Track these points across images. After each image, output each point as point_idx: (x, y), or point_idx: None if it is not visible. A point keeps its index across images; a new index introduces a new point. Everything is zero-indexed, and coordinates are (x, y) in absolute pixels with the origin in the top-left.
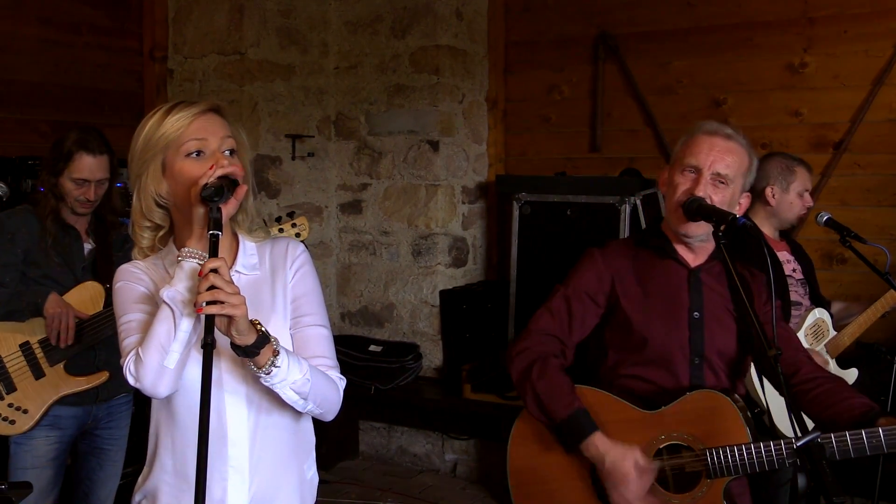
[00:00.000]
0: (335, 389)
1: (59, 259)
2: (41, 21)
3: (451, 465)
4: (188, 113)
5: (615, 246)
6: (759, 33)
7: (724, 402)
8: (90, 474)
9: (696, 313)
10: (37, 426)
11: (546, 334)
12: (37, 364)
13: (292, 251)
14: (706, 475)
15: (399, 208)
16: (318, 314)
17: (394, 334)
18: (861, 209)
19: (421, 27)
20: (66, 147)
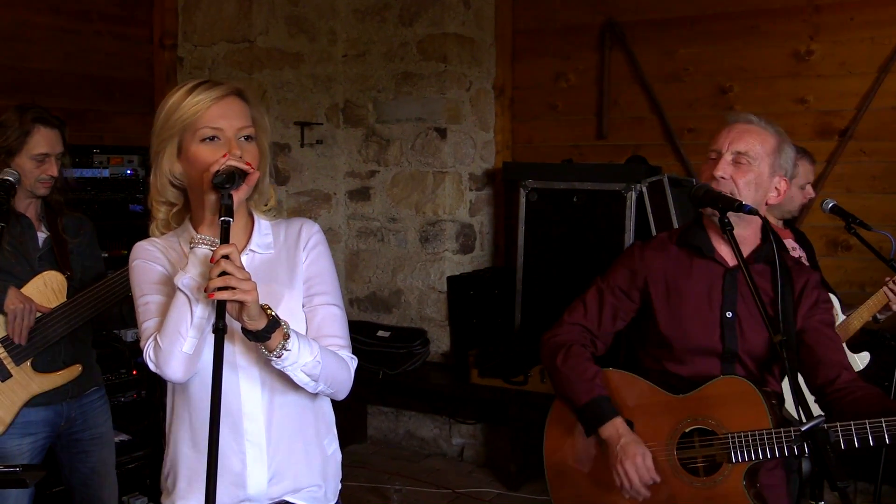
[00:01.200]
0: (346, 369)
1: (12, 250)
2: (52, 9)
3: (458, 449)
4: (208, 96)
5: (658, 241)
6: (765, 21)
7: (749, 388)
8: (85, 481)
9: (728, 313)
10: (5, 433)
11: (576, 324)
12: (0, 365)
13: (307, 230)
14: (727, 460)
15: (407, 195)
16: (330, 293)
17: (402, 320)
18: (866, 196)
19: (428, 15)
20: (21, 123)
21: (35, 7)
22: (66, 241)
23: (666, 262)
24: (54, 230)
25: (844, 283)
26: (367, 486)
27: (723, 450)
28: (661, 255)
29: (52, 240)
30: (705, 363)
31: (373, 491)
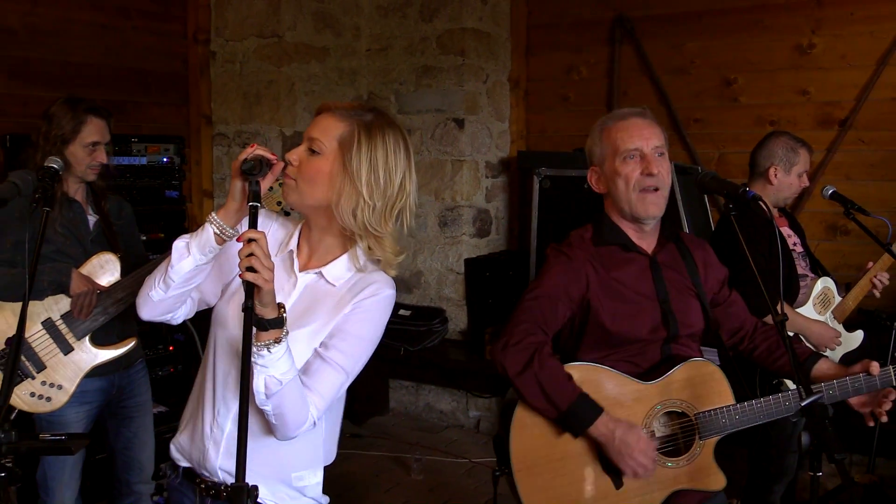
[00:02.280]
0: (300, 419)
1: (66, 233)
2: (93, 6)
3: (474, 421)
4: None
5: (578, 244)
6: (768, 15)
7: (713, 368)
8: (127, 444)
9: (664, 300)
10: (69, 402)
11: (532, 324)
12: (63, 340)
13: (371, 289)
14: (699, 437)
15: (427, 182)
16: (345, 356)
17: (422, 299)
18: (864, 183)
19: (448, 11)
20: (75, 114)
21: (77, 5)
22: (112, 222)
23: (595, 261)
24: (101, 213)
25: (843, 267)
26: (389, 455)
27: (692, 429)
28: (589, 256)
29: (101, 222)
30: (650, 350)
31: (394, 460)
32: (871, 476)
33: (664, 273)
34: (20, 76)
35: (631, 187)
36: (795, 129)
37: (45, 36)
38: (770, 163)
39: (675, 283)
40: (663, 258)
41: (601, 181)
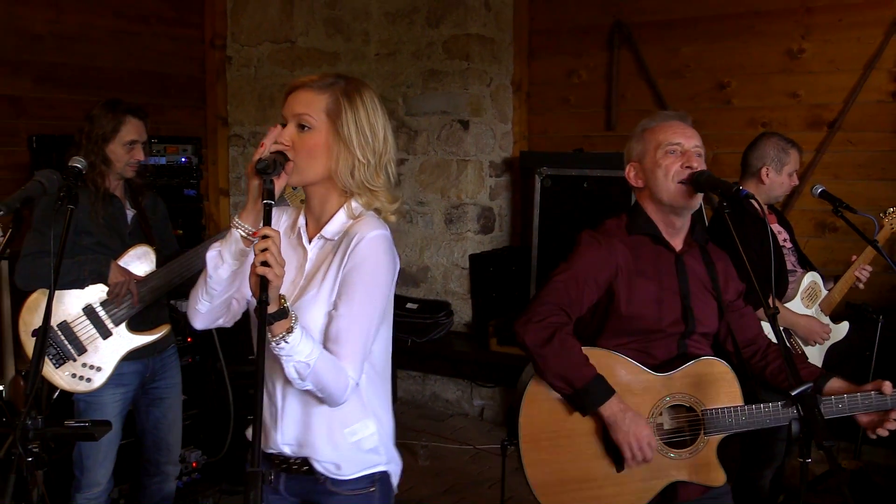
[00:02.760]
0: (341, 386)
1: (106, 226)
2: (114, 13)
3: (478, 409)
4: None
5: (610, 230)
6: (760, 21)
7: (724, 368)
8: (157, 424)
9: (685, 296)
10: (105, 386)
11: (559, 306)
12: (102, 325)
13: (364, 233)
14: (704, 433)
15: (433, 181)
16: (356, 304)
17: (428, 293)
18: (852, 182)
19: (453, 17)
20: (115, 115)
21: (99, 12)
22: (148, 217)
23: (628, 251)
24: (138, 208)
25: (831, 262)
26: (397, 442)
27: (698, 424)
28: (621, 242)
29: (138, 217)
30: (666, 344)
31: (402, 447)
32: (857, 462)
33: (688, 271)
34: (46, 80)
35: (670, 177)
36: (786, 130)
37: (70, 42)
38: (762, 163)
39: (697, 282)
40: (689, 258)
41: (639, 176)
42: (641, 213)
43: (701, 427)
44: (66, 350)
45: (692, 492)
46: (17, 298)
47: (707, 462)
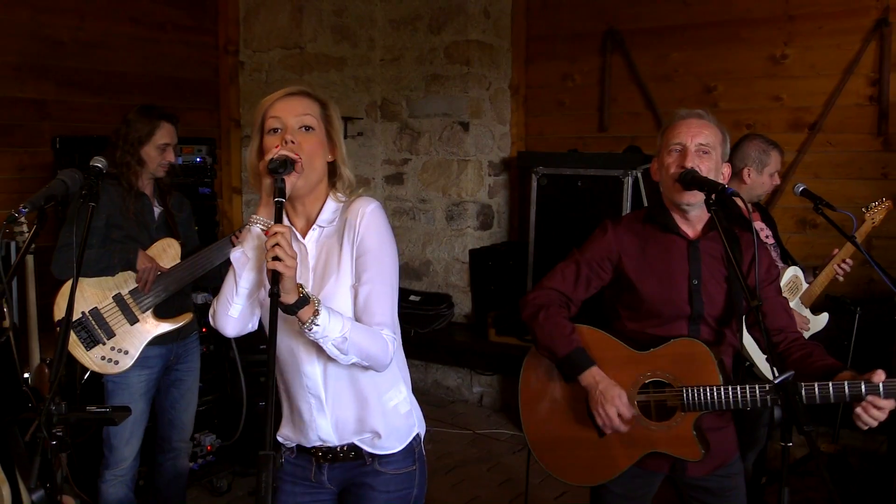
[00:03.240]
0: (381, 347)
1: (136, 221)
2: (132, 21)
3: (478, 396)
4: (277, 94)
5: (627, 220)
6: (745, 29)
7: (703, 349)
8: (174, 404)
9: (695, 281)
10: (131, 367)
11: (554, 290)
12: (130, 311)
13: (362, 207)
14: (681, 409)
15: (435, 180)
16: (378, 270)
17: (430, 286)
18: (831, 181)
19: (454, 24)
20: (149, 119)
21: (119, 19)
22: (174, 214)
23: (636, 237)
24: (165, 206)
25: (812, 257)
26: None
27: (677, 400)
28: (631, 232)
29: (165, 213)
30: (676, 325)
31: None
32: (836, 446)
33: (702, 258)
34: (68, 84)
35: (668, 175)
36: (769, 132)
37: (91, 48)
38: (744, 164)
39: (710, 268)
40: (704, 245)
41: (659, 171)
42: (658, 205)
43: (679, 403)
44: (97, 334)
45: (701, 467)
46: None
47: (683, 436)
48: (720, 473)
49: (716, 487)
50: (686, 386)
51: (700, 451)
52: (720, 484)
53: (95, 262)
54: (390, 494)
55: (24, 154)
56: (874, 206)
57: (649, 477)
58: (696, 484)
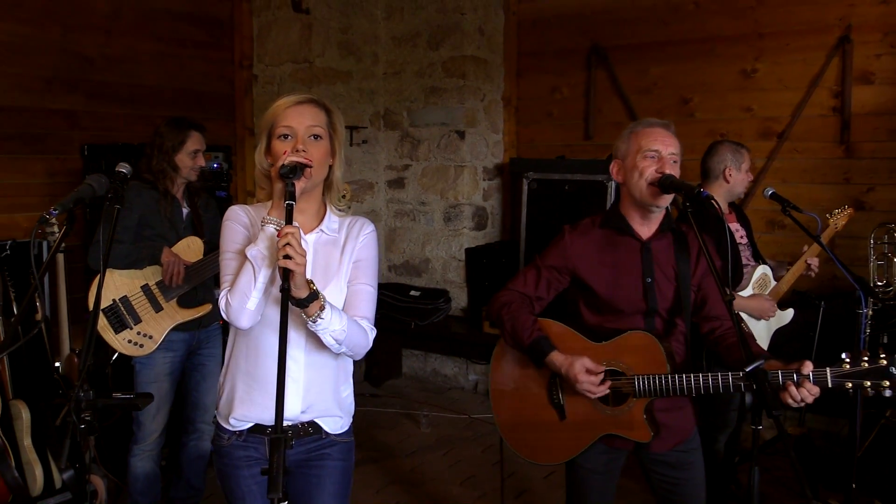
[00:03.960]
0: (365, 338)
1: (165, 221)
2: (155, 38)
3: (473, 383)
4: (288, 100)
5: (584, 226)
6: (719, 45)
7: (652, 340)
8: (196, 386)
9: (648, 279)
10: (157, 349)
11: (517, 291)
12: (155, 300)
13: (365, 228)
14: (633, 395)
15: (433, 184)
16: (367, 277)
17: (429, 282)
18: (798, 185)
19: (451, 41)
20: (180, 129)
21: (143, 37)
22: (201, 214)
23: (592, 242)
24: (193, 207)
25: (780, 255)
26: (402, 412)
27: (630, 387)
28: (587, 237)
29: (192, 214)
30: (633, 319)
31: (406, 416)
32: (802, 428)
33: (654, 256)
34: (96, 96)
35: (644, 179)
36: (741, 140)
37: (117, 63)
38: (724, 165)
39: (661, 265)
40: (656, 245)
41: (621, 172)
42: (613, 210)
43: (632, 389)
44: (125, 319)
45: (662, 443)
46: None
47: (635, 420)
48: (679, 449)
49: (675, 461)
50: (638, 374)
51: (650, 433)
52: (679, 458)
53: (125, 256)
54: (345, 462)
55: (55, 160)
56: (838, 212)
57: (616, 453)
58: (658, 459)
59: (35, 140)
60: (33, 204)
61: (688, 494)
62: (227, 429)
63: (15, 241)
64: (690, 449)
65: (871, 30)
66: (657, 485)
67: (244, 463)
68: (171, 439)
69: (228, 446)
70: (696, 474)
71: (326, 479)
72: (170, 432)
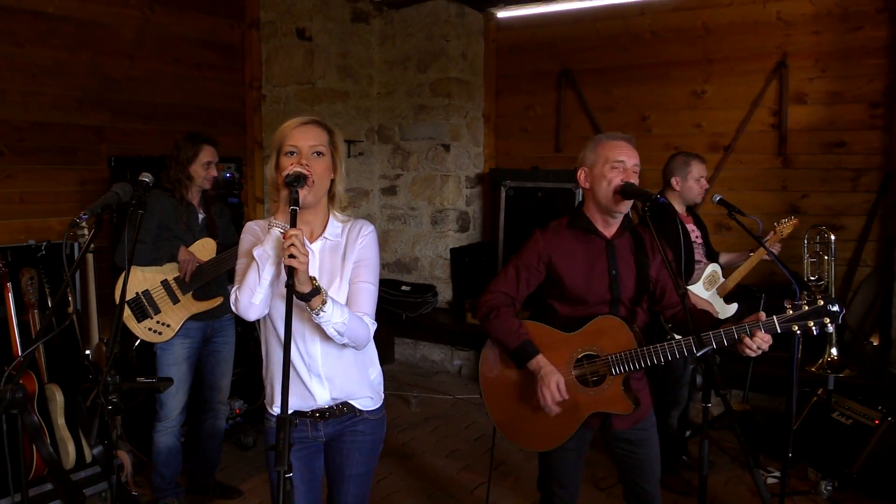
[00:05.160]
0: (366, 331)
1: (183, 225)
2: (175, 61)
3: (457, 368)
4: (294, 122)
5: (553, 227)
6: (673, 70)
7: (618, 322)
8: (212, 370)
9: (613, 272)
10: (175, 336)
11: (500, 292)
12: (173, 293)
13: (363, 230)
14: (610, 374)
15: (422, 191)
16: (368, 275)
17: (418, 278)
18: (742, 192)
19: (438, 64)
20: (195, 143)
21: (164, 60)
22: (215, 220)
23: (562, 240)
24: (208, 213)
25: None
26: (395, 394)
27: (606, 367)
28: (558, 236)
29: (207, 219)
30: (599, 308)
31: (398, 397)
32: (745, 405)
33: (617, 252)
34: (122, 113)
35: (610, 187)
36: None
37: (140, 84)
38: (671, 175)
39: (623, 260)
40: (618, 242)
41: (587, 179)
42: (579, 212)
43: (608, 369)
44: (146, 310)
45: (623, 423)
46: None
47: (615, 395)
48: (638, 427)
49: (635, 438)
50: (610, 354)
51: (631, 405)
52: (638, 436)
53: (147, 254)
54: (374, 435)
55: (84, 171)
56: (784, 221)
57: (583, 432)
58: (620, 436)
59: (67, 153)
60: (66, 210)
61: (645, 466)
62: (272, 414)
63: (49, 242)
64: (648, 427)
65: (805, 57)
66: (619, 458)
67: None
68: (190, 418)
69: (274, 429)
70: (652, 449)
71: (356, 451)
72: (189, 412)
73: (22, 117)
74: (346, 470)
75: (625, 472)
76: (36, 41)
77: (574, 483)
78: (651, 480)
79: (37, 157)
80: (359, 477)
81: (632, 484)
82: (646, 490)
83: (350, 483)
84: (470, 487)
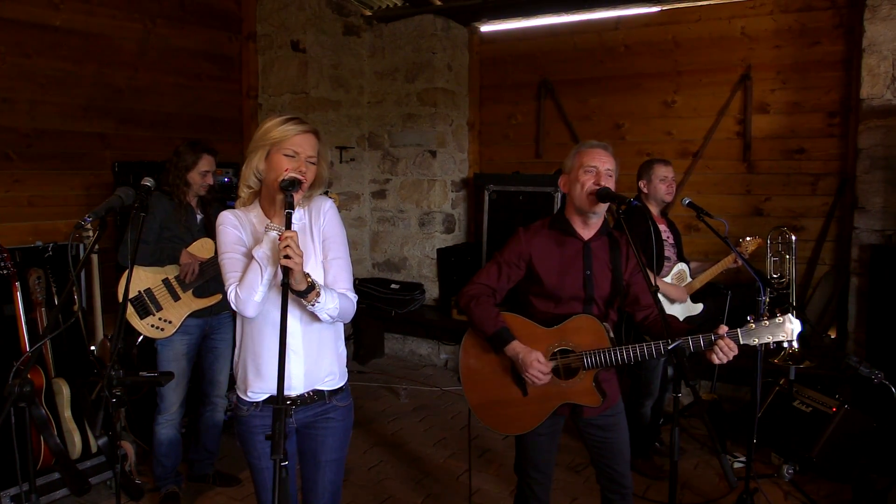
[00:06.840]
0: (351, 304)
1: (184, 226)
2: (176, 72)
3: (444, 361)
4: (297, 128)
5: (535, 227)
6: (645, 81)
7: (595, 321)
8: (210, 366)
9: (588, 272)
10: (175, 333)
11: (482, 284)
12: (174, 292)
13: (323, 206)
14: (583, 368)
15: (410, 195)
16: (339, 249)
17: (407, 277)
18: (710, 196)
19: (425, 75)
20: (194, 151)
21: (165, 71)
22: (213, 221)
23: (543, 240)
24: (206, 215)
25: (695, 254)
26: (385, 385)
27: (579, 362)
28: (539, 236)
29: (205, 219)
30: (573, 305)
31: (388, 389)
32: (713, 395)
33: (593, 254)
34: (126, 121)
35: (585, 190)
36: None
37: (143, 93)
38: (639, 179)
39: (598, 262)
40: (595, 245)
41: (567, 184)
42: (559, 215)
43: (581, 364)
44: (149, 307)
45: (594, 410)
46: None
47: (586, 388)
48: (607, 414)
49: (604, 424)
50: (585, 351)
51: (599, 398)
52: (607, 422)
53: (150, 254)
54: (345, 422)
55: (90, 175)
56: (749, 240)
57: (555, 418)
58: (591, 423)
59: (73, 158)
60: (71, 212)
61: (615, 449)
62: (245, 401)
63: (56, 243)
64: (616, 413)
65: (768, 69)
66: (590, 443)
67: (259, 430)
68: (190, 411)
69: (247, 416)
70: (621, 433)
71: (329, 437)
72: (189, 405)
73: (30, 125)
74: (321, 456)
75: (596, 455)
76: (44, 52)
77: (548, 466)
78: (621, 462)
79: (44, 162)
80: (334, 462)
81: (604, 466)
82: (616, 471)
83: (327, 468)
84: (456, 474)
